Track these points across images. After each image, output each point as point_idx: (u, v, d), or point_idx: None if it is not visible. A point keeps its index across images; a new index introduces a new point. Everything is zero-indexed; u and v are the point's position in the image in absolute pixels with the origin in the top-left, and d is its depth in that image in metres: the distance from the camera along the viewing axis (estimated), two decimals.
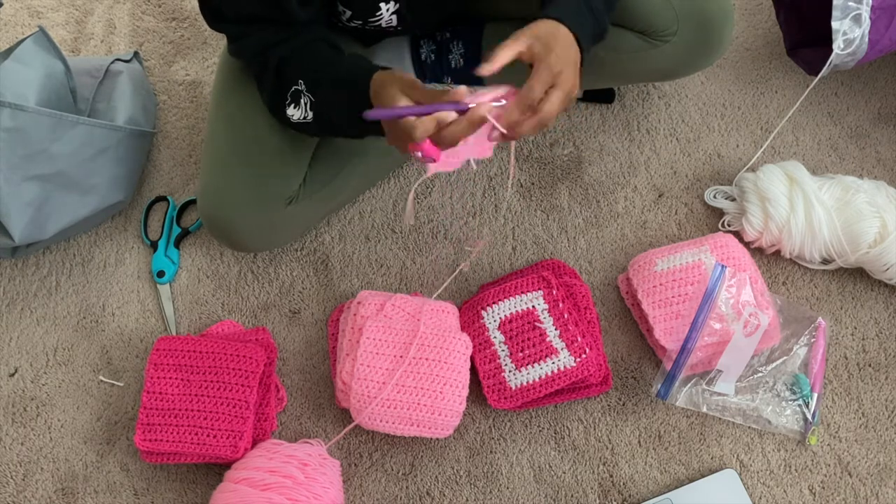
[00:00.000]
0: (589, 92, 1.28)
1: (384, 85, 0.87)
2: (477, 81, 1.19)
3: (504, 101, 0.84)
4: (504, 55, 0.84)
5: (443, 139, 0.82)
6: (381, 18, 1.00)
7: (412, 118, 0.81)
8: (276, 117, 1.03)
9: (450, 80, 1.20)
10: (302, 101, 0.96)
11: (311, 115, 0.97)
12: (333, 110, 0.96)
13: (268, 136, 1.06)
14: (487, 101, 0.82)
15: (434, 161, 0.85)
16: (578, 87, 0.88)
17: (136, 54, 1.36)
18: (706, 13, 1.05)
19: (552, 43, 0.85)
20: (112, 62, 1.29)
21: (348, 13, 1.00)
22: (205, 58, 1.39)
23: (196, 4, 1.43)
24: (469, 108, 0.81)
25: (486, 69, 0.83)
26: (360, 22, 1.01)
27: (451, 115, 0.81)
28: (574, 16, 0.89)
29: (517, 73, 0.86)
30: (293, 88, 0.97)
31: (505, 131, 0.84)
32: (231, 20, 0.97)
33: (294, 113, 0.98)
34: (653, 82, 1.30)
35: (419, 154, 0.83)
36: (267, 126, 1.06)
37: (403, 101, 0.83)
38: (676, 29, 1.05)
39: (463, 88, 0.82)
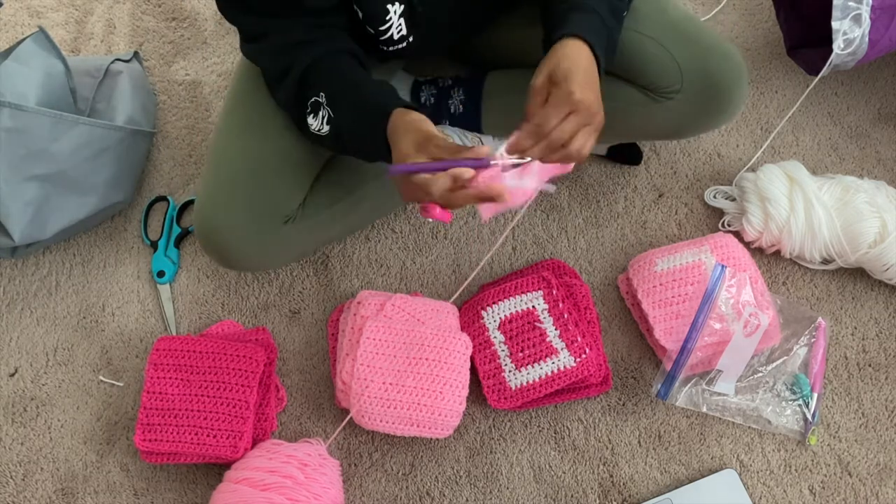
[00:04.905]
0: (614, 149, 1.24)
1: (399, 133, 0.85)
2: (475, 128, 1.18)
3: (526, 158, 0.81)
4: (540, 86, 0.83)
5: (450, 202, 0.81)
6: (390, 25, 0.98)
7: (426, 175, 0.79)
8: (294, 121, 1.02)
9: (447, 121, 1.19)
10: (321, 113, 0.95)
11: (326, 129, 0.95)
12: (349, 131, 0.95)
13: (271, 151, 1.03)
14: (506, 160, 0.80)
15: (446, 222, 0.83)
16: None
17: (135, 54, 1.36)
18: (711, 72, 1.00)
19: (573, 70, 0.82)
20: (112, 62, 1.29)
21: (360, 13, 0.98)
22: (205, 58, 1.39)
23: (196, 4, 1.44)
24: (490, 165, 0.79)
25: (533, 106, 0.82)
26: (372, 30, 0.99)
27: (468, 173, 0.79)
28: (592, 32, 0.86)
29: (520, 119, 0.84)
30: (314, 99, 0.95)
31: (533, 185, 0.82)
32: (248, 11, 0.95)
33: (312, 123, 0.97)
34: (659, 140, 1.25)
35: (430, 217, 0.82)
36: (271, 140, 1.04)
37: (417, 157, 0.81)
38: (680, 87, 1.01)
39: (487, 147, 0.79)
